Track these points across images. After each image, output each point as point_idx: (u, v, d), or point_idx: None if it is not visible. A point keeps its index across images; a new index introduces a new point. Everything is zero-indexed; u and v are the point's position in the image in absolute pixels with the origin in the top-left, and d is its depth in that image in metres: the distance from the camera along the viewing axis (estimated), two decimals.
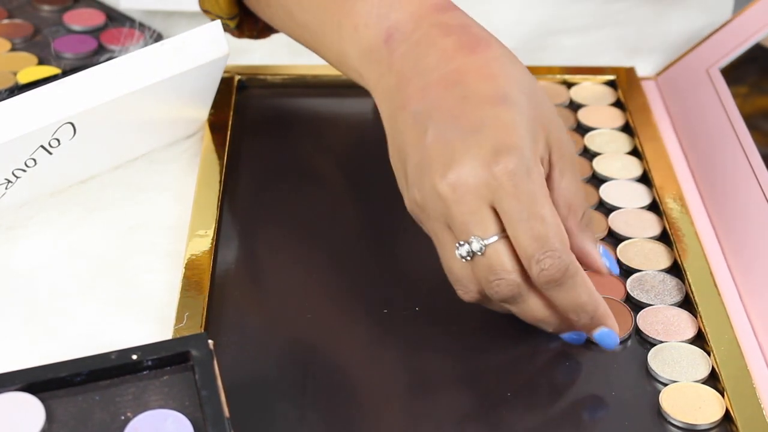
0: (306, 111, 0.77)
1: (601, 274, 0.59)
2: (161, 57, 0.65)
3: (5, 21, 0.82)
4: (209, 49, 0.67)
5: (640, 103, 0.76)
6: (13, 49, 0.79)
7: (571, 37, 0.85)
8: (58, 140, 0.64)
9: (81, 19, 0.82)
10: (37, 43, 0.80)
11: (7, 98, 0.62)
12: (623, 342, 0.60)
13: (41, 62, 0.78)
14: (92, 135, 0.65)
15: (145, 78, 0.65)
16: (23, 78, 0.76)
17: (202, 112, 0.73)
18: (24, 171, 0.64)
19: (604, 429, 0.56)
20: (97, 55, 0.79)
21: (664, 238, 0.66)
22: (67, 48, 0.79)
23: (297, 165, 0.72)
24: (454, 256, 0.56)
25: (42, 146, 0.63)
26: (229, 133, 0.73)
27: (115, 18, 0.82)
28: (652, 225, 0.67)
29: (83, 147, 0.65)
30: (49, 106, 0.62)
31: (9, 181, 0.64)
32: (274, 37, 0.74)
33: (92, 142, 0.66)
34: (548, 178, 0.57)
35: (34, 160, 0.64)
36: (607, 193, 0.69)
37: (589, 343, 0.60)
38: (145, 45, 0.78)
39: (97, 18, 0.82)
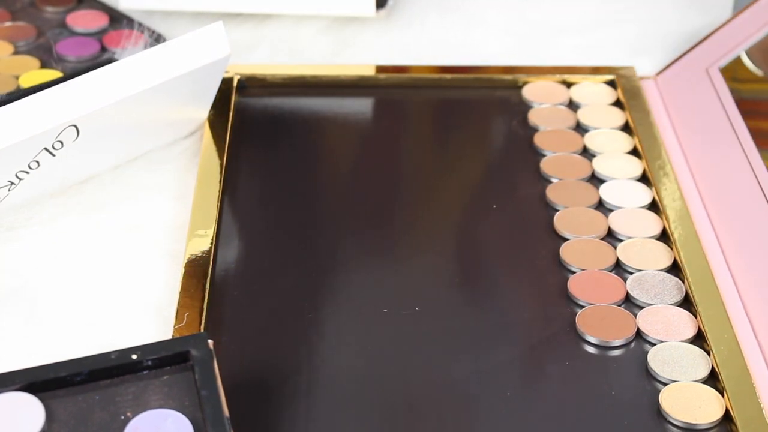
0: (306, 111, 0.77)
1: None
2: (164, 59, 0.65)
3: (8, 23, 0.82)
4: (211, 50, 0.67)
5: (639, 103, 0.76)
6: (16, 52, 0.79)
7: (571, 37, 0.85)
8: (61, 142, 0.64)
9: (84, 21, 0.82)
10: (40, 45, 0.80)
11: (9, 102, 0.62)
12: (625, 345, 0.60)
13: (43, 66, 0.78)
14: (95, 136, 0.65)
15: (148, 80, 0.65)
16: (25, 82, 0.76)
17: (202, 111, 0.73)
18: (27, 173, 0.64)
19: (604, 429, 0.56)
20: (100, 58, 0.78)
21: (664, 237, 0.66)
22: (69, 51, 0.79)
23: (297, 165, 0.72)
24: None
25: (45, 148, 0.63)
26: (229, 132, 0.73)
27: (118, 19, 0.82)
28: (652, 225, 0.67)
29: (86, 148, 0.65)
30: (54, 109, 0.62)
31: (12, 183, 0.64)
32: (274, 37, 0.74)
33: (95, 144, 0.66)
34: None
35: (38, 162, 0.64)
36: (607, 193, 0.69)
37: (589, 343, 0.60)
38: (147, 47, 0.78)
39: (99, 19, 0.82)
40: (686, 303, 0.62)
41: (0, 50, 0.79)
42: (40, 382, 0.50)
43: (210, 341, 0.51)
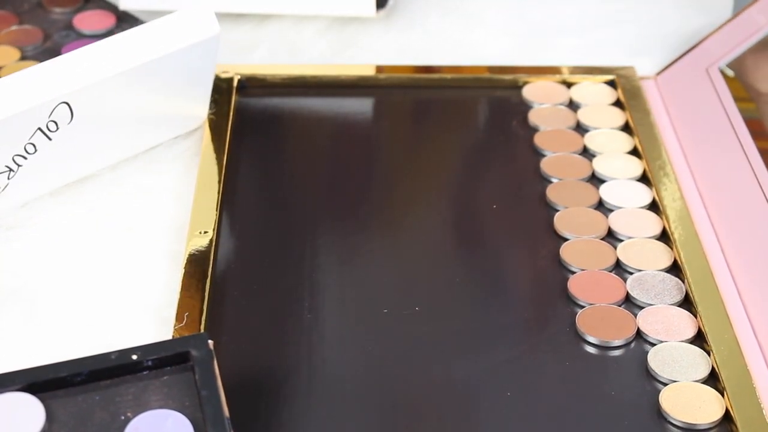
0: (306, 111, 0.77)
1: None
2: (153, 36, 0.65)
3: (14, 27, 0.81)
4: (201, 29, 0.67)
5: (639, 103, 0.76)
6: (23, 57, 0.78)
7: (571, 37, 0.85)
8: (55, 123, 0.63)
9: (90, 22, 0.81)
10: (47, 49, 0.79)
11: None
12: (625, 345, 0.60)
13: None
14: (90, 120, 0.65)
15: (138, 57, 0.65)
16: None
17: (200, 105, 0.73)
18: (24, 158, 0.64)
19: (604, 429, 0.56)
20: None
21: (664, 237, 0.66)
22: None
23: (297, 165, 0.72)
24: None
25: (40, 129, 0.63)
26: (229, 133, 0.73)
27: (125, 19, 0.82)
28: (652, 225, 0.67)
29: (82, 134, 0.65)
30: (44, 85, 0.62)
31: (10, 169, 0.64)
32: (274, 37, 0.74)
33: (91, 130, 0.66)
34: None
35: (34, 145, 0.64)
36: (607, 193, 0.69)
37: (589, 343, 0.60)
38: None
39: (106, 20, 0.81)
40: (686, 303, 0.62)
41: (7, 56, 0.78)
42: (40, 382, 0.50)
43: (210, 341, 0.51)
